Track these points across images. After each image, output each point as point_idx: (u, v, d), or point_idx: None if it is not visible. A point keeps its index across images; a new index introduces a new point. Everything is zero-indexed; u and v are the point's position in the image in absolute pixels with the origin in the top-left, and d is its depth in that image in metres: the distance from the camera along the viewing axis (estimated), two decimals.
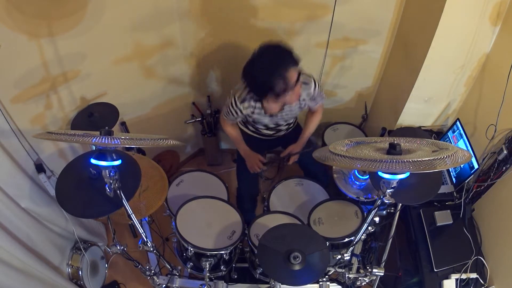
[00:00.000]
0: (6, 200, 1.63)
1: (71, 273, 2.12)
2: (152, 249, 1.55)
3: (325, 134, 2.47)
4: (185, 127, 2.89)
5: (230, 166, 3.06)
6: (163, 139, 1.18)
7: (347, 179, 2.00)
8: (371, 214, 1.43)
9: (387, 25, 2.16)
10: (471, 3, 1.67)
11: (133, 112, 2.40)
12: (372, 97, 2.66)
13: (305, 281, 1.40)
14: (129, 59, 2.10)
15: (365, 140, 1.31)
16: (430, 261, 1.78)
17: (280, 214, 1.89)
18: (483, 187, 1.83)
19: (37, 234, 1.85)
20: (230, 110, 1.86)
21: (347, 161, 1.09)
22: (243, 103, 1.81)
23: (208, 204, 1.90)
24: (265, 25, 2.15)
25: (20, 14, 1.50)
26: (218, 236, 1.76)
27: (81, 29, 1.76)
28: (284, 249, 1.43)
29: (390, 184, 1.21)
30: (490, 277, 1.75)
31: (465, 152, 1.08)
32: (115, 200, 1.24)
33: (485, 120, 1.84)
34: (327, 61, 2.34)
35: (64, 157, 2.09)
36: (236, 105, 1.82)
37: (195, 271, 1.81)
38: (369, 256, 2.19)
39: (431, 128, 2.26)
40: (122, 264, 2.49)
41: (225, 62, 2.39)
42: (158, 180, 1.80)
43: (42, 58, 1.69)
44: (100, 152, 1.15)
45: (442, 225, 1.85)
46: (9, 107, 1.62)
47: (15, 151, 1.68)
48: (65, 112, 1.96)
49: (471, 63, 1.92)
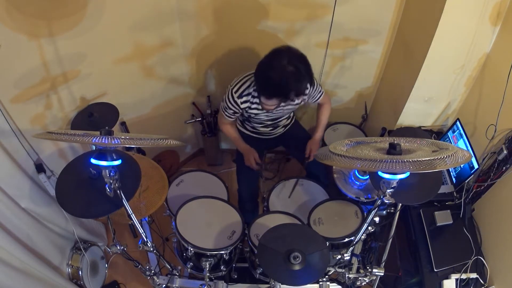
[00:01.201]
0: (6, 200, 1.63)
1: (71, 273, 2.12)
2: (152, 249, 1.55)
3: (325, 134, 2.47)
4: (185, 127, 2.89)
5: (230, 166, 3.06)
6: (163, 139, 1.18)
7: (347, 179, 2.00)
8: (371, 214, 1.43)
9: (387, 25, 2.16)
10: (471, 3, 1.67)
11: (133, 112, 2.40)
12: (372, 97, 2.66)
13: (305, 281, 1.40)
14: (129, 59, 2.10)
15: (365, 140, 1.31)
16: (430, 261, 1.78)
17: (280, 214, 1.89)
18: (483, 187, 1.83)
19: (37, 234, 1.85)
20: (227, 104, 1.87)
21: (347, 161, 1.09)
22: (241, 98, 1.82)
23: (208, 204, 1.90)
24: (265, 24, 2.15)
25: (20, 14, 1.50)
26: (218, 236, 1.76)
27: (81, 29, 1.76)
28: (284, 249, 1.43)
29: (390, 184, 1.21)
30: (490, 277, 1.75)
31: (465, 152, 1.08)
32: (115, 200, 1.24)
33: (485, 120, 1.84)
34: (327, 61, 2.34)
35: (64, 157, 2.09)
36: (233, 98, 1.83)
37: (195, 271, 1.81)
38: (369, 256, 2.19)
39: (431, 128, 2.26)
40: (122, 264, 2.49)
41: (225, 62, 2.39)
42: (158, 180, 1.80)
43: (42, 58, 1.69)
44: (100, 152, 1.15)
45: (442, 225, 1.84)
46: (9, 107, 1.62)
47: (15, 151, 1.68)
48: (65, 112, 1.96)
49: (471, 63, 1.92)
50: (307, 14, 2.11)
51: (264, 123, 2.06)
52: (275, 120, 2.06)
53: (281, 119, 2.09)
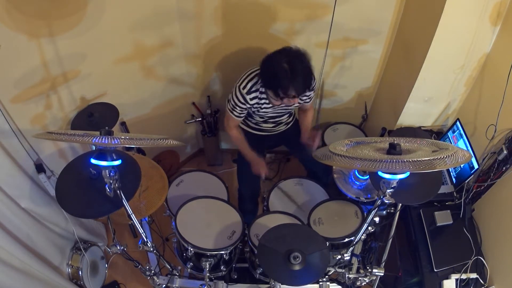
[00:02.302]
0: (6, 200, 1.63)
1: (71, 273, 2.12)
2: (152, 249, 1.55)
3: (325, 134, 2.47)
4: (185, 127, 2.89)
5: (230, 166, 3.06)
6: (163, 139, 1.18)
7: (347, 179, 2.00)
8: (371, 214, 1.43)
9: (387, 25, 2.17)
10: (471, 3, 1.67)
11: (133, 112, 2.40)
12: (372, 97, 2.66)
13: (305, 281, 1.40)
14: (129, 59, 2.10)
15: (365, 140, 1.31)
16: (430, 261, 1.78)
17: (280, 214, 1.89)
18: (483, 187, 1.83)
19: (37, 234, 1.85)
20: (236, 102, 1.85)
21: (347, 161, 1.09)
22: (249, 94, 1.82)
23: (208, 204, 1.90)
24: (265, 24, 2.15)
25: (20, 14, 1.50)
26: (218, 236, 1.76)
27: (81, 29, 1.76)
28: (284, 249, 1.43)
29: (390, 184, 1.21)
30: (490, 277, 1.75)
31: (465, 152, 1.08)
32: (115, 200, 1.24)
33: (485, 120, 1.84)
34: (327, 61, 2.34)
35: (64, 157, 2.09)
36: (242, 95, 1.82)
37: (195, 271, 1.81)
38: (369, 256, 2.19)
39: (431, 128, 2.26)
40: (122, 264, 2.49)
41: (225, 62, 2.39)
42: (158, 180, 1.80)
43: (42, 58, 1.69)
44: (100, 152, 1.15)
45: (442, 225, 1.84)
46: (9, 107, 1.62)
47: (15, 151, 1.68)
48: (65, 112, 1.96)
49: (471, 63, 1.92)
50: (307, 14, 2.11)
51: (268, 119, 2.05)
52: (279, 116, 2.06)
53: (283, 116, 2.09)
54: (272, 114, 2.01)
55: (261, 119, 2.05)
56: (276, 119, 2.07)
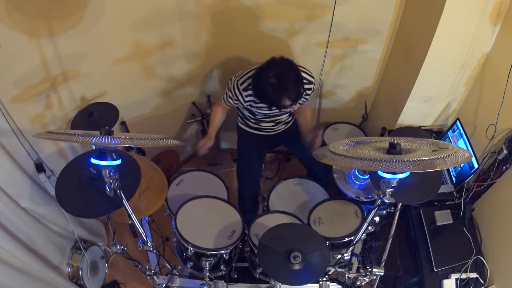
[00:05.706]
0: (6, 200, 1.63)
1: (71, 273, 2.12)
2: (152, 249, 1.56)
3: (325, 134, 2.47)
4: (185, 127, 2.89)
5: (230, 166, 3.06)
6: (163, 139, 1.18)
7: (347, 179, 2.00)
8: (371, 213, 1.43)
9: (387, 25, 2.16)
10: (471, 3, 1.67)
11: (133, 112, 2.40)
12: (372, 97, 2.66)
13: (305, 280, 1.41)
14: (129, 59, 2.10)
15: (365, 140, 1.31)
16: (430, 261, 1.78)
17: (280, 214, 1.89)
18: (483, 187, 1.83)
19: (37, 233, 1.84)
20: (231, 94, 1.87)
21: (347, 160, 1.09)
22: (246, 91, 1.83)
23: (208, 204, 1.90)
24: (265, 24, 2.15)
25: (20, 14, 1.50)
26: (218, 236, 1.76)
27: (81, 29, 1.75)
28: (284, 249, 1.43)
29: (390, 183, 1.21)
30: (490, 277, 1.75)
31: (465, 152, 1.08)
32: (115, 200, 1.24)
33: (485, 120, 1.84)
34: (327, 60, 2.34)
35: (64, 157, 2.09)
36: (239, 90, 1.83)
37: (195, 271, 1.81)
38: (369, 255, 2.19)
39: (431, 127, 2.26)
40: (122, 264, 2.49)
41: (225, 62, 2.39)
42: (158, 181, 1.80)
43: (42, 58, 1.69)
44: (100, 151, 1.15)
45: (442, 224, 1.85)
46: (9, 107, 1.62)
47: (15, 151, 1.68)
48: (65, 111, 1.96)
49: (471, 63, 1.92)
50: (307, 14, 2.11)
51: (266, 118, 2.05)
52: (279, 115, 2.06)
53: (283, 115, 2.09)
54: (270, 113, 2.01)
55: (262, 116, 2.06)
56: (276, 117, 2.07)
